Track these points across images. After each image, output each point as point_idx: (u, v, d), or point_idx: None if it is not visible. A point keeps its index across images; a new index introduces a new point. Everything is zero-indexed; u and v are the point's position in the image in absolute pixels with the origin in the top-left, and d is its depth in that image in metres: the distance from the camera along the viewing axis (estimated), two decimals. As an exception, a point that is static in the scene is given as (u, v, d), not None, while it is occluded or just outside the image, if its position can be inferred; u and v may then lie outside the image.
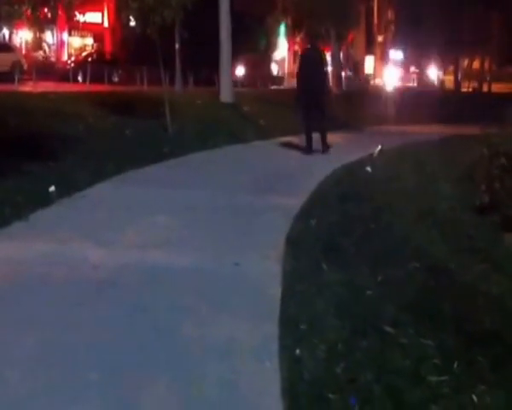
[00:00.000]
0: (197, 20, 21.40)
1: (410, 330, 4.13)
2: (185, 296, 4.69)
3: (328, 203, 7.89)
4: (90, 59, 33.16)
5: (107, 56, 35.21)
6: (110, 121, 13.66)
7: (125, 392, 3.36)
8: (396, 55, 51.57)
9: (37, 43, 37.19)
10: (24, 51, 33.51)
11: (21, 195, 7.25)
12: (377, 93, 32.03)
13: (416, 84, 43.70)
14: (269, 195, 8.44)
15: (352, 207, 7.64)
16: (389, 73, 47.36)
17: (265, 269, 5.40)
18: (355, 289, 4.88)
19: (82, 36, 40.91)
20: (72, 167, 9.14)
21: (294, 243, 6.10)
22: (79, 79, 29.21)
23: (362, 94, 31.59)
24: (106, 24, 40.31)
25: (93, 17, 39.42)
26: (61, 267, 5.18)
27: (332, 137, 13.58)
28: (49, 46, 39.18)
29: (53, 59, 37.75)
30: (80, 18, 37.33)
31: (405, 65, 48.33)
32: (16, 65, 23.80)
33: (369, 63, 56.07)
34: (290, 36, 45.53)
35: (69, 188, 7.89)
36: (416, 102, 25.79)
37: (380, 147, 12.92)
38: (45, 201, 7.25)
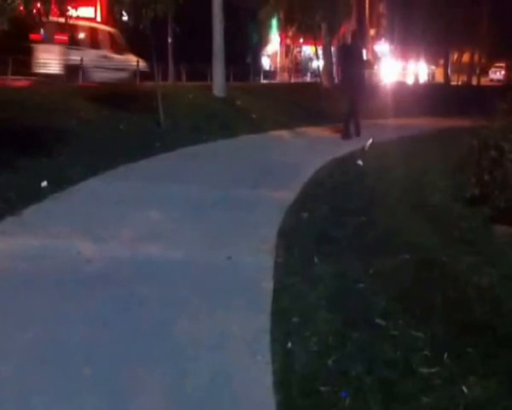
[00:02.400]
0: (190, 14, 21.30)
1: (400, 322, 4.16)
2: (178, 290, 4.71)
3: (318, 196, 7.93)
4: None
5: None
6: (103, 116, 13.60)
7: (119, 386, 3.39)
8: (384, 48, 51.49)
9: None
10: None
11: (14, 190, 7.25)
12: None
13: (406, 80, 43.71)
14: (261, 188, 8.46)
15: (343, 200, 7.68)
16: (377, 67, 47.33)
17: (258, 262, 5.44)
18: (347, 281, 4.91)
19: (75, 30, 40.79)
20: (65, 162, 9.12)
21: (288, 234, 6.15)
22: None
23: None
24: (99, 18, 40.18)
25: (86, 12, 39.23)
26: (54, 262, 5.19)
27: (324, 132, 13.64)
28: (42, 41, 38.95)
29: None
30: (73, 13, 37.15)
31: (395, 58, 48.27)
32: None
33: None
34: (282, 30, 45.32)
35: (62, 182, 7.89)
36: (406, 95, 25.78)
37: (371, 140, 12.93)
38: (38, 196, 7.25)
